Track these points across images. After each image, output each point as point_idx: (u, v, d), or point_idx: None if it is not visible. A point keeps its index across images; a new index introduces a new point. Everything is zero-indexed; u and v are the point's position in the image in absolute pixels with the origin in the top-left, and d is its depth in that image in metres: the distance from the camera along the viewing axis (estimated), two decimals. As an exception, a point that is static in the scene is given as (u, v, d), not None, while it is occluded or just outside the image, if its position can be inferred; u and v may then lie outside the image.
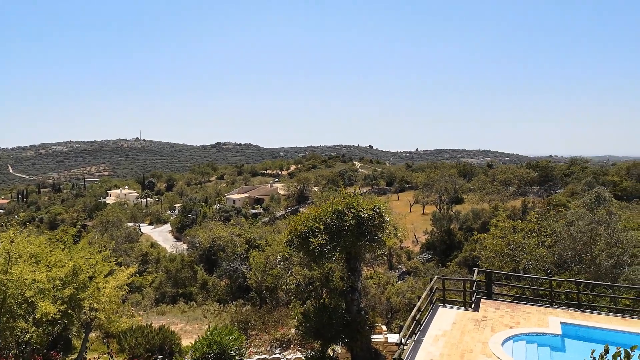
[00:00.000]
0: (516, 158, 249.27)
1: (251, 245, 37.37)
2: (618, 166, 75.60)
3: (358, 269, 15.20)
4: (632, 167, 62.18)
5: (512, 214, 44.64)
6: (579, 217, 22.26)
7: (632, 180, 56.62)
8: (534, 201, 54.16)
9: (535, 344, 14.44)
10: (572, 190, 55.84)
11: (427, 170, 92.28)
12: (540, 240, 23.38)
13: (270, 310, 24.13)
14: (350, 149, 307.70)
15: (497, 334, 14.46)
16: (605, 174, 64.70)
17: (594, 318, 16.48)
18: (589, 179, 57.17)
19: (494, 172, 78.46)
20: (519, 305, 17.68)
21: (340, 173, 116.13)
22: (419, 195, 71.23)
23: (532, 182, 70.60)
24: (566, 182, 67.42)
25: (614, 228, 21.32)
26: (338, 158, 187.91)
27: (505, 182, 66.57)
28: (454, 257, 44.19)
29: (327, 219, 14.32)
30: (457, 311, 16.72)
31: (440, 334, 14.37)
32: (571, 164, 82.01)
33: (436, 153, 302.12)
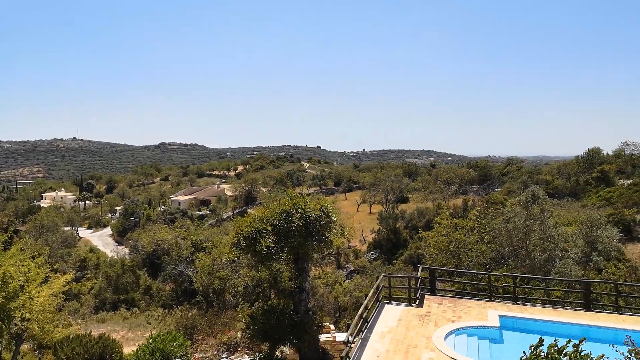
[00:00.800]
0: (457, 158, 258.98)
1: (197, 247, 36.52)
2: (550, 166, 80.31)
3: (306, 269, 15.22)
4: (563, 167, 66.28)
5: (454, 212, 46.28)
6: (516, 215, 23.48)
7: (562, 179, 60.35)
8: (474, 199, 56.49)
9: (476, 337, 15.06)
10: (509, 188, 58.74)
11: (374, 170, 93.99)
12: (480, 237, 24.43)
13: (218, 313, 23.69)
14: (299, 149, 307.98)
15: (440, 328, 14.95)
16: (539, 173, 68.57)
17: (529, 310, 17.41)
18: (524, 178, 60.37)
19: (437, 172, 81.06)
20: (460, 300, 18.37)
21: (289, 173, 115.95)
22: (366, 195, 72.37)
23: (472, 181, 73.62)
24: (503, 181, 70.81)
25: (546, 224, 22.64)
26: (286, 158, 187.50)
27: (447, 182, 68.96)
28: (399, 255, 45.21)
29: (274, 220, 14.24)
30: (402, 308, 17.14)
31: (387, 330, 14.67)
32: (508, 164, 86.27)
33: (382, 153, 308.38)
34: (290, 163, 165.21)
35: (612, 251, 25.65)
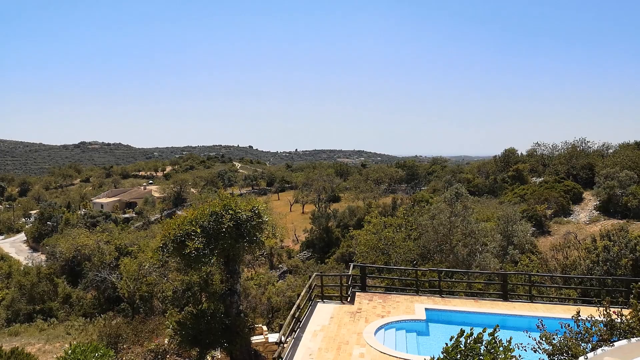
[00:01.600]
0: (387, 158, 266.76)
1: (122, 252, 34.73)
2: (471, 165, 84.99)
3: (237, 271, 14.98)
4: (482, 166, 70.37)
5: (384, 211, 47.67)
6: (440, 212, 24.63)
7: (482, 177, 64.09)
8: (402, 198, 58.49)
9: (404, 330, 15.60)
10: (434, 187, 61.43)
11: (307, 170, 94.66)
12: (408, 234, 25.36)
13: (144, 320, 22.71)
14: (230, 149, 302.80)
15: (371, 324, 15.33)
16: (461, 172, 72.31)
17: (453, 302, 18.31)
18: (448, 177, 63.45)
19: (367, 171, 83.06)
20: (389, 296, 18.95)
21: (220, 174, 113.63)
22: (299, 195, 72.65)
23: (401, 180, 76.27)
24: (429, 179, 73.97)
25: (468, 220, 23.96)
26: (217, 158, 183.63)
27: (377, 181, 70.88)
28: (332, 254, 45.79)
29: (204, 222, 13.87)
30: (334, 305, 17.38)
31: (319, 329, 14.80)
32: (433, 163, 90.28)
33: (315, 153, 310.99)
34: (221, 163, 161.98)
35: (526, 244, 27.65)
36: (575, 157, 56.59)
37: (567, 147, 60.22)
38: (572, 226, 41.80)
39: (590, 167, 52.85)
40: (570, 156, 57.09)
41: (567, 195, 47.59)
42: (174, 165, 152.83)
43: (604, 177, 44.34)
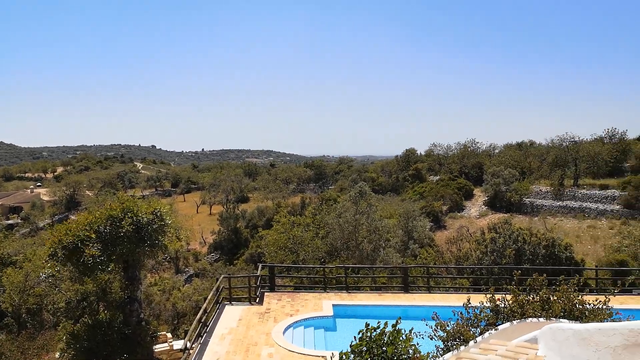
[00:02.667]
0: (295, 158, 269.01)
1: (4, 262, 31.24)
2: (375, 164, 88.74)
3: (137, 277, 14.19)
4: (385, 165, 73.86)
5: (293, 210, 48.05)
6: (346, 210, 25.41)
7: (385, 176, 67.23)
8: (311, 197, 59.44)
9: (312, 327, 15.84)
10: (341, 186, 63.28)
11: (214, 171, 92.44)
12: (316, 233, 25.83)
13: (32, 336, 20.67)
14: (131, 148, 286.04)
15: (279, 323, 15.36)
16: (366, 171, 75.28)
17: (359, 297, 18.95)
18: (354, 176, 65.70)
19: (276, 171, 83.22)
20: (298, 294, 19.12)
21: (119, 175, 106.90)
22: (206, 196, 70.74)
23: (309, 179, 77.44)
24: (336, 179, 75.97)
25: (372, 218, 24.99)
26: (116, 158, 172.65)
27: (286, 181, 71.27)
28: (241, 255, 45.22)
29: (100, 226, 12.95)
30: (243, 307, 17.14)
31: (227, 332, 14.52)
32: (340, 163, 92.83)
33: (222, 153, 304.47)
34: (121, 164, 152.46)
35: (425, 239, 29.50)
36: (466, 156, 61.46)
37: (460, 148, 65.21)
38: (464, 220, 45.34)
39: (479, 166, 57.72)
40: (462, 156, 61.88)
41: (460, 192, 51.54)
42: (67, 166, 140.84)
43: (491, 175, 48.66)
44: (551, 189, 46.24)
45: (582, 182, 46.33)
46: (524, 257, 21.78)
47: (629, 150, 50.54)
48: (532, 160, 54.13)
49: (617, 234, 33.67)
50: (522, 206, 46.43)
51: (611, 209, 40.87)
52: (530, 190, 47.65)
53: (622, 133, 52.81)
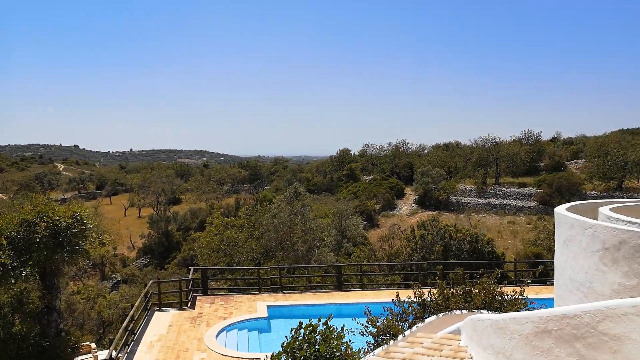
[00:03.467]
0: (230, 158, 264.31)
1: None
2: (311, 164, 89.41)
3: (56, 285, 13.27)
4: (320, 165, 74.60)
5: (227, 211, 47.19)
6: (281, 210, 25.34)
7: (320, 176, 67.87)
8: (245, 198, 58.73)
9: (246, 330, 15.64)
10: (277, 186, 63.06)
11: (143, 172, 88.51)
12: (250, 234, 25.53)
13: None
14: (51, 148, 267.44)
15: (212, 327, 15.01)
16: (302, 171, 75.59)
17: (294, 297, 18.97)
18: (289, 176, 65.75)
19: (209, 172, 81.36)
20: (232, 297, 18.81)
21: (38, 177, 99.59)
22: (135, 198, 67.76)
23: (244, 180, 76.47)
24: (271, 179, 75.64)
25: (307, 218, 25.11)
26: (34, 159, 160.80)
27: (220, 181, 69.90)
28: (173, 259, 43.73)
29: (12, 232, 11.97)
30: (174, 313, 16.59)
31: (156, 339, 13.98)
32: (275, 163, 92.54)
33: (152, 154, 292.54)
34: (40, 165, 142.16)
35: (358, 237, 30.10)
36: (397, 157, 63.46)
37: (392, 148, 67.23)
38: (396, 219, 46.80)
39: (410, 166, 59.82)
40: (394, 156, 63.83)
41: (392, 191, 53.12)
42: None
43: (421, 174, 50.59)
44: (475, 188, 48.87)
45: (503, 181, 49.38)
46: (451, 252, 22.83)
47: (543, 151, 54.58)
48: (458, 160, 56.91)
49: (533, 228, 36.19)
50: (449, 204, 48.68)
51: (528, 206, 43.91)
52: (456, 189, 50.07)
53: (537, 135, 56.99)
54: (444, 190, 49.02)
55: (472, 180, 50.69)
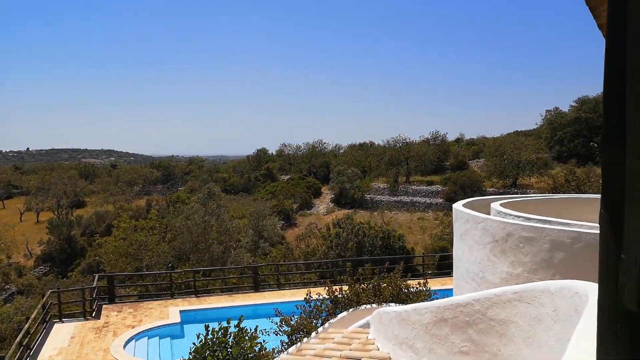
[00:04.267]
0: (141, 158, 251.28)
1: None
2: (227, 164, 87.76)
3: None
4: (237, 165, 73.51)
5: (137, 214, 44.90)
6: (194, 212, 24.62)
7: (237, 176, 66.89)
8: (158, 199, 56.28)
9: (157, 337, 15.02)
10: (192, 187, 61.11)
11: (42, 173, 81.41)
12: (162, 236, 24.51)
13: None
14: None
15: (120, 337, 14.24)
16: (218, 171, 73.97)
17: (208, 300, 18.56)
18: (205, 176, 64.04)
19: (118, 172, 76.92)
20: (142, 303, 17.96)
21: None
22: (32, 201, 62.20)
23: (156, 180, 73.22)
24: (186, 179, 73.19)
25: (222, 219, 24.64)
26: None
27: (130, 182, 66.38)
28: (76, 266, 40.76)
29: None
30: (76, 324, 15.51)
31: (56, 353, 12.98)
32: (190, 163, 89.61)
33: (53, 153, 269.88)
34: None
35: (275, 237, 30.10)
36: (314, 156, 64.39)
37: (308, 148, 68.04)
38: (314, 217, 47.47)
39: (326, 165, 60.93)
40: (310, 156, 64.68)
41: (309, 191, 53.79)
42: None
43: (337, 173, 51.75)
44: (388, 186, 50.95)
45: (413, 179, 51.97)
46: (364, 249, 23.61)
47: (448, 151, 58.25)
48: (372, 160, 58.96)
49: (440, 224, 38.54)
50: (364, 202, 50.29)
51: (436, 202, 46.61)
52: (370, 187, 51.85)
53: (443, 136, 60.67)
54: (358, 189, 50.55)
55: (385, 179, 52.76)
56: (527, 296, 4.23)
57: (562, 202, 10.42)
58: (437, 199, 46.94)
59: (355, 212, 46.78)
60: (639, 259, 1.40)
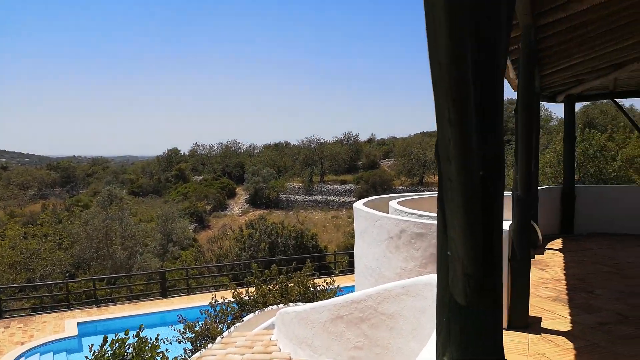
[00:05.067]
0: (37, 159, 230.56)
1: None
2: (135, 165, 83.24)
3: None
4: (146, 166, 70.00)
5: (32, 219, 41.12)
6: (94, 216, 23.01)
7: (146, 177, 63.73)
8: (55, 203, 51.97)
9: (51, 353, 13.85)
10: (95, 189, 57.16)
11: None
12: (58, 243, 22.62)
13: None
14: None
15: (6, 355, 12.93)
16: (125, 172, 69.94)
17: (111, 310, 17.43)
18: (110, 178, 60.27)
19: (9, 174, 69.88)
20: (34, 317, 16.48)
21: None
22: None
23: (54, 183, 67.60)
24: (89, 181, 68.36)
25: (127, 223, 23.27)
26: None
27: (23, 185, 60.66)
28: (-43, 280, 36.39)
29: None
30: (-48, 345, 13.82)
31: None
32: (93, 164, 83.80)
33: None
34: None
35: (185, 240, 29.07)
36: (228, 156, 63.23)
37: (222, 148, 66.67)
38: (228, 219, 46.59)
39: (241, 165, 60.11)
40: (224, 156, 63.42)
41: (223, 191, 52.71)
42: None
43: (252, 173, 51.27)
44: (303, 185, 51.42)
45: (327, 179, 52.93)
46: (277, 249, 23.59)
47: (361, 151, 60.09)
48: (287, 160, 59.17)
49: (353, 222, 39.62)
50: (279, 202, 50.31)
51: (349, 201, 47.85)
52: (285, 187, 51.99)
53: (356, 136, 62.50)
54: (273, 188, 50.46)
55: (300, 178, 53.20)
56: (413, 290, 4.44)
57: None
58: (351, 198, 48.21)
59: (271, 212, 46.67)
60: (461, 255, 1.50)
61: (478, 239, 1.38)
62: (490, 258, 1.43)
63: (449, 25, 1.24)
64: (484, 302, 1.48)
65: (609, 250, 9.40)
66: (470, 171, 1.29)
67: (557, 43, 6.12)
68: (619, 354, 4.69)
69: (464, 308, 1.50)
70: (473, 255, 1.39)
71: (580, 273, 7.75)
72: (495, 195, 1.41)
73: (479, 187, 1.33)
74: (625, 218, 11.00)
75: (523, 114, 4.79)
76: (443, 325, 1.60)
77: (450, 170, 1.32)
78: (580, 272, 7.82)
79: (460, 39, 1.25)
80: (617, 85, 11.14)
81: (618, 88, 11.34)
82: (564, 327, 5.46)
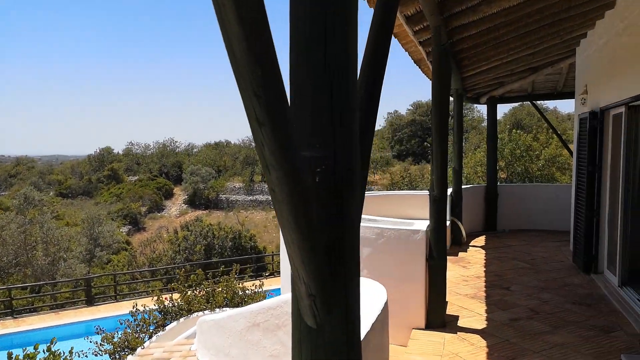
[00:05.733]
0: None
1: None
2: (64, 165, 78.42)
3: None
4: (76, 166, 66.15)
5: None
6: (11, 221, 21.32)
7: (76, 177, 60.24)
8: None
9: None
10: (18, 191, 53.29)
11: None
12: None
13: None
14: None
15: None
16: (52, 172, 65.74)
17: (29, 321, 16.25)
18: (35, 179, 56.38)
19: None
20: (-63, 334, 15.01)
21: None
22: None
23: (-30, 185, 62.41)
24: (11, 183, 63.65)
25: (48, 227, 21.74)
26: None
27: None
28: None
29: None
30: None
31: None
32: (17, 164, 78.11)
33: None
34: None
35: (114, 244, 27.64)
36: (165, 155, 61.11)
37: (159, 147, 64.34)
38: (164, 220, 44.96)
39: (179, 165, 58.25)
40: (161, 155, 61.24)
41: (160, 192, 50.82)
42: None
43: (190, 173, 49.81)
44: (244, 185, 50.61)
45: (268, 178, 52.45)
46: (214, 251, 22.97)
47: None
48: (227, 159, 58.04)
49: (293, 221, 39.45)
50: (219, 202, 49.22)
51: (290, 200, 47.74)
52: (225, 187, 50.96)
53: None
54: (213, 189, 49.32)
55: (241, 178, 52.35)
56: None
57: (388, 198, 11.29)
58: (291, 197, 48.07)
59: (210, 213, 45.55)
60: (302, 274, 1.34)
61: (319, 256, 1.21)
62: (336, 276, 1.27)
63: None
64: (334, 321, 1.33)
65: (527, 247, 9.83)
66: (298, 180, 1.13)
67: (473, 45, 6.23)
68: (527, 349, 4.82)
69: (313, 330, 1.34)
70: (315, 275, 1.23)
71: (499, 270, 8.01)
72: (342, 205, 1.25)
73: (313, 198, 1.16)
74: (541, 214, 11.59)
75: (436, 114, 4.80)
76: (296, 347, 1.44)
77: (271, 179, 1.15)
78: (499, 268, 8.09)
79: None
80: (535, 88, 11.70)
81: (536, 90, 11.92)
82: (479, 325, 5.56)
